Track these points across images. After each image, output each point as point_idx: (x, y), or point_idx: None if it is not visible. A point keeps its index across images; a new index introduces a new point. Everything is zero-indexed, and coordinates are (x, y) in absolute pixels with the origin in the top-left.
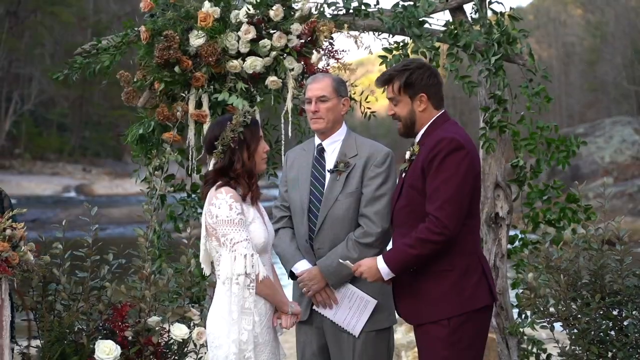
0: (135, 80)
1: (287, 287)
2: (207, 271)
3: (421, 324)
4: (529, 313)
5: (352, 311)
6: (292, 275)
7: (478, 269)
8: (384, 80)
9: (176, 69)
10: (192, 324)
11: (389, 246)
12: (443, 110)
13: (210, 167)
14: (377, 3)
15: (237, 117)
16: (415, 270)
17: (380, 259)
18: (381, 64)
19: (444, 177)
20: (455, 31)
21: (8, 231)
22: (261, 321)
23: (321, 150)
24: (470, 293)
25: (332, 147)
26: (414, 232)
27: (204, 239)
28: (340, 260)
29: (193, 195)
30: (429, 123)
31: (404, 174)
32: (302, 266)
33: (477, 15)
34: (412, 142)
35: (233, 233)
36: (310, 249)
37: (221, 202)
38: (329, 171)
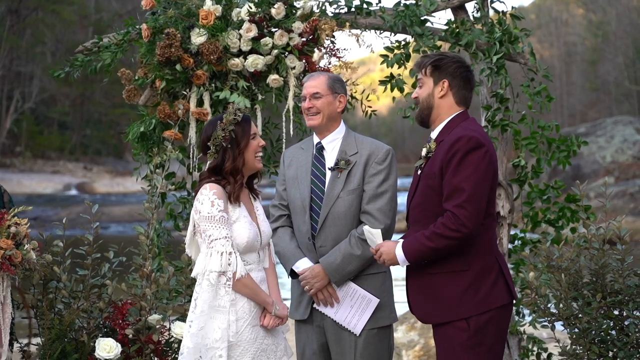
0: (136, 78)
1: (287, 286)
2: (193, 274)
3: (437, 323)
4: (527, 312)
5: (353, 310)
6: (292, 274)
7: (495, 268)
8: (419, 63)
9: (177, 67)
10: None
11: None
12: (463, 109)
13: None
14: (379, 2)
15: (228, 115)
16: (431, 270)
17: (399, 246)
18: (382, 62)
19: (464, 175)
20: (457, 30)
21: (13, 228)
22: (241, 320)
23: (321, 149)
24: (487, 293)
25: (332, 145)
26: (432, 226)
27: (190, 234)
28: (366, 229)
29: (193, 194)
30: (447, 120)
31: (419, 171)
32: (303, 264)
33: (479, 14)
34: (429, 139)
35: (212, 230)
36: (313, 247)
37: (204, 198)
38: (329, 169)
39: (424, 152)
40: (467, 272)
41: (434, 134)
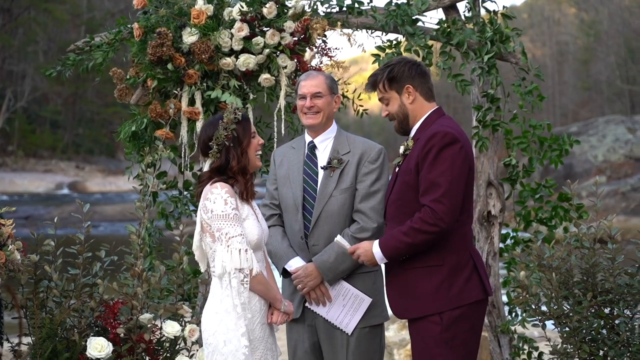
0: (128, 77)
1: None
2: (202, 268)
3: (412, 318)
4: (519, 311)
5: (346, 309)
6: (284, 273)
7: (469, 265)
8: (371, 84)
9: (169, 66)
10: (183, 321)
11: None
12: (438, 106)
13: (206, 168)
14: (371, 1)
15: (228, 114)
16: (406, 265)
17: (375, 244)
18: (374, 62)
19: (440, 170)
20: (449, 29)
21: None
22: (254, 318)
23: (313, 148)
24: (460, 289)
25: (324, 145)
26: (409, 221)
27: (198, 235)
28: (338, 238)
29: (185, 193)
30: (423, 118)
31: (397, 169)
32: (295, 263)
33: (470, 14)
34: (407, 137)
35: (228, 227)
36: (305, 246)
37: (216, 197)
38: (322, 168)
39: (401, 150)
40: (441, 267)
41: (412, 133)
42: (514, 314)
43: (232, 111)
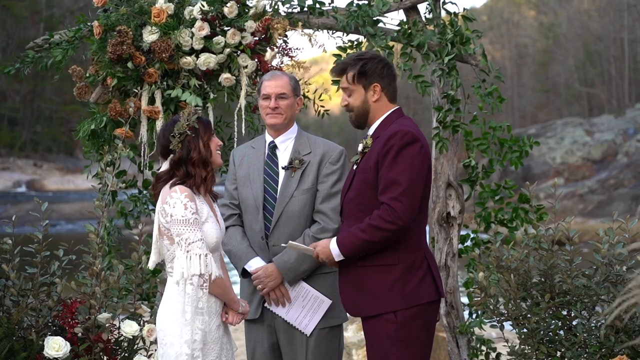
0: (87, 75)
1: (236, 285)
2: (150, 262)
3: (366, 317)
4: (479, 312)
5: (305, 310)
6: (244, 273)
7: (423, 265)
8: (339, 70)
9: (129, 64)
10: (142, 321)
11: None
12: (398, 106)
13: (164, 168)
14: (332, 1)
15: (188, 109)
16: (361, 263)
17: (333, 241)
18: (335, 62)
19: (400, 169)
20: (409, 31)
21: None
22: (211, 319)
23: (274, 148)
24: (414, 288)
25: (285, 145)
26: (367, 218)
27: (155, 238)
28: (291, 242)
29: (144, 192)
30: (383, 117)
31: (355, 166)
32: (255, 263)
33: (431, 15)
34: (365, 135)
35: (188, 233)
36: (266, 246)
37: (176, 201)
38: (283, 168)
39: (360, 147)
40: (396, 266)
41: (370, 131)
42: (474, 315)
43: (190, 107)
